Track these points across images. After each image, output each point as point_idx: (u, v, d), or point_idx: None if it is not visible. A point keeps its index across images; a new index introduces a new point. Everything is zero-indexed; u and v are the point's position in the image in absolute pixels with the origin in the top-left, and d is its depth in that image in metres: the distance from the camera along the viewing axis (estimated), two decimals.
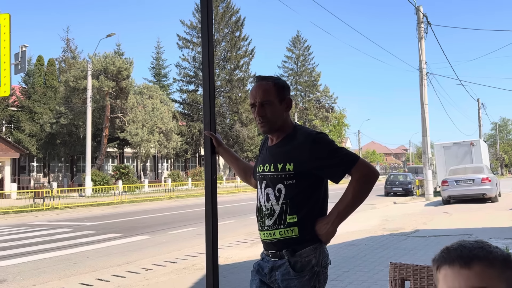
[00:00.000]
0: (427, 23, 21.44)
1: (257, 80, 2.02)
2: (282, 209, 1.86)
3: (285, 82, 2.03)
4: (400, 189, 25.27)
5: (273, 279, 1.88)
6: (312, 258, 1.82)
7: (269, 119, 1.94)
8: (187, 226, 12.21)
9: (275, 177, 1.90)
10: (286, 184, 1.86)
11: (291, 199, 1.85)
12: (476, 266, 0.86)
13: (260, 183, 1.98)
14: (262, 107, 1.93)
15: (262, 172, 1.97)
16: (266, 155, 1.99)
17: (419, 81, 21.68)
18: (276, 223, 1.87)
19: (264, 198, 1.93)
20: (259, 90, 1.95)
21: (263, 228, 1.93)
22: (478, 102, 44.41)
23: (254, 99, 1.96)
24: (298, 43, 56.07)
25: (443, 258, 0.90)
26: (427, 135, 21.44)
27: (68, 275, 6.62)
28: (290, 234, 1.84)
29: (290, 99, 2.00)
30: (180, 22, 45.66)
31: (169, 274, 6.34)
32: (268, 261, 1.91)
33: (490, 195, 16.41)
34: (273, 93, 1.94)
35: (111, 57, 33.36)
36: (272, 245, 1.89)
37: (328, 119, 54.63)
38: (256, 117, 1.96)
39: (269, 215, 1.90)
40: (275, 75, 2.08)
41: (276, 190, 1.89)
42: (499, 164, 65.36)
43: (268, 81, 1.97)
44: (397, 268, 1.62)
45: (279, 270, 1.85)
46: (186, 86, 45.57)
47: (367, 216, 13.53)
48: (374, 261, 6.50)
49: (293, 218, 1.84)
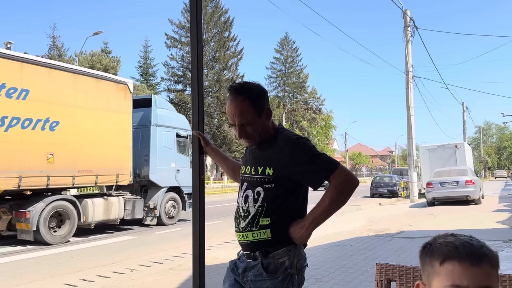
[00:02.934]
0: (414, 27, 21.70)
1: (230, 95, 1.90)
2: (257, 211, 1.86)
3: (260, 88, 1.94)
4: (386, 191, 25.50)
5: (245, 279, 1.88)
6: (286, 260, 1.81)
7: (252, 135, 1.91)
8: (173, 227, 12.14)
9: (255, 180, 1.89)
10: (265, 187, 1.85)
11: (268, 202, 1.85)
12: (485, 265, 0.87)
13: (241, 184, 1.99)
14: (242, 127, 1.88)
15: (243, 173, 1.97)
16: (249, 157, 1.98)
17: (406, 84, 21.93)
18: (249, 225, 1.87)
19: (242, 199, 1.93)
20: (235, 111, 1.86)
21: (237, 229, 1.94)
22: (463, 106, 45.09)
23: (233, 120, 1.89)
24: (287, 44, 56.23)
25: (451, 253, 0.89)
26: (413, 137, 21.69)
27: (52, 275, 6.53)
28: (262, 236, 1.84)
29: (268, 109, 1.92)
30: (169, 21, 45.43)
31: (154, 274, 6.30)
32: (243, 261, 1.92)
33: (473, 197, 16.67)
34: (250, 111, 1.86)
35: (98, 55, 33.13)
36: (246, 246, 1.90)
37: (315, 121, 54.87)
38: (239, 137, 1.93)
39: (244, 216, 1.90)
40: (250, 81, 1.98)
41: (255, 192, 1.88)
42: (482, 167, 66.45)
43: (243, 97, 1.87)
44: (383, 268, 1.64)
45: (252, 271, 1.85)
46: (174, 85, 45.37)
47: (352, 217, 13.63)
48: (359, 261, 6.55)
49: (266, 221, 1.84)
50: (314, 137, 55.98)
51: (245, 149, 2.15)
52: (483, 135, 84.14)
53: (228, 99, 1.92)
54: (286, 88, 55.53)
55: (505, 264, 5.75)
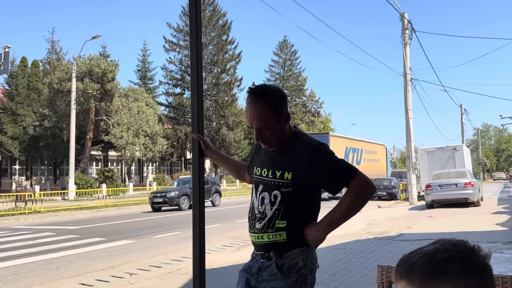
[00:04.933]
0: (411, 30, 21.76)
1: (250, 98, 1.88)
2: (274, 214, 1.87)
3: (280, 93, 1.95)
4: (385, 193, 25.47)
5: (260, 279, 1.90)
6: (299, 260, 1.84)
7: (270, 139, 1.90)
8: (172, 230, 12.11)
9: (272, 184, 1.89)
10: (283, 191, 1.86)
11: (285, 206, 1.86)
12: (402, 283, 0.82)
13: (255, 185, 1.98)
14: (260, 131, 1.87)
15: (259, 176, 1.96)
16: (265, 160, 1.96)
17: (404, 86, 21.96)
18: (265, 227, 1.88)
19: (258, 201, 1.93)
20: (254, 115, 1.85)
21: (252, 230, 1.94)
22: (461, 108, 45.17)
23: (251, 124, 1.87)
24: (285, 47, 56.33)
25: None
26: (411, 140, 21.70)
27: (50, 280, 6.51)
28: (278, 238, 1.86)
29: (287, 113, 1.91)
30: (167, 25, 45.47)
31: (153, 278, 6.27)
32: (257, 262, 1.94)
33: (472, 200, 16.66)
34: (270, 116, 1.85)
35: (96, 59, 33.06)
36: (260, 247, 1.91)
37: (314, 124, 54.90)
38: (256, 141, 1.94)
39: (260, 218, 1.90)
40: (268, 84, 2.01)
41: (272, 196, 1.88)
42: (481, 169, 66.55)
43: (263, 101, 1.85)
44: (384, 271, 1.63)
45: (266, 271, 1.87)
46: (172, 89, 45.37)
47: (352, 220, 13.45)
48: (359, 264, 6.54)
49: (283, 223, 1.85)
50: None
51: (254, 149, 2.15)
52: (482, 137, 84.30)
53: (247, 101, 1.90)
54: (284, 91, 55.54)
55: (505, 266, 5.75)
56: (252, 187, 2.02)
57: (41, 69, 36.36)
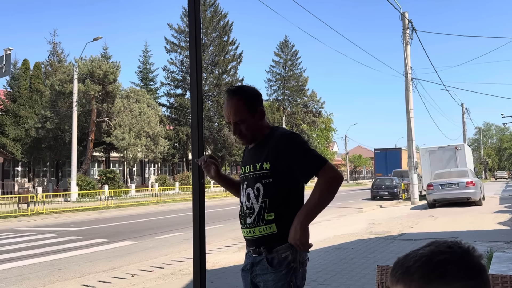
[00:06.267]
0: (412, 29, 21.74)
1: (227, 96, 2.07)
2: (261, 207, 1.95)
3: (255, 91, 2.08)
4: (386, 193, 25.45)
5: (254, 274, 1.99)
6: (289, 254, 1.91)
7: (245, 134, 2.04)
8: (174, 231, 12.12)
9: (254, 177, 1.99)
10: (264, 182, 1.95)
11: (270, 198, 1.94)
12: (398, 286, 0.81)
13: (242, 184, 2.08)
14: (237, 125, 2.02)
15: (243, 173, 2.08)
16: (247, 158, 2.09)
17: (405, 86, 21.94)
18: (255, 221, 1.96)
19: (245, 197, 2.03)
20: (230, 110, 2.02)
21: (244, 225, 2.03)
22: (462, 107, 45.11)
23: (228, 118, 2.04)
24: (286, 48, 56.32)
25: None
26: (413, 139, 21.67)
27: (53, 281, 6.52)
28: (268, 231, 1.93)
29: (262, 110, 2.06)
30: (168, 26, 45.50)
31: (155, 279, 6.29)
32: (250, 257, 2.04)
33: (474, 199, 16.64)
34: (244, 110, 2.01)
35: (97, 60, 33.09)
36: (253, 242, 2.00)
37: (315, 124, 54.87)
38: (233, 135, 2.07)
39: (249, 213, 1.99)
40: (246, 84, 2.13)
41: (255, 189, 1.98)
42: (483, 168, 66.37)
43: (238, 97, 2.02)
44: (384, 271, 1.64)
45: (259, 266, 1.96)
46: (173, 90, 45.43)
47: (353, 220, 13.61)
48: (361, 264, 6.54)
49: (271, 216, 1.93)
50: (314, 140, 56.00)
51: (244, 152, 2.25)
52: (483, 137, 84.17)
53: (225, 100, 2.08)
54: (285, 92, 55.56)
55: (507, 265, 5.74)
56: (240, 188, 2.12)
57: (43, 71, 36.42)
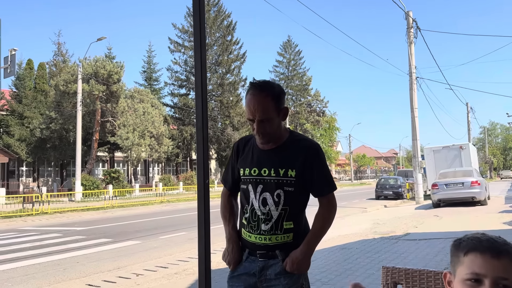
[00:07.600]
0: (416, 28, 21.66)
1: (253, 90, 1.88)
2: (281, 214, 1.89)
3: (280, 87, 1.97)
4: (391, 193, 25.38)
5: (263, 278, 1.92)
6: None
7: (269, 133, 1.91)
8: (178, 231, 12.14)
9: (275, 182, 1.90)
10: (285, 190, 1.89)
11: (290, 206, 1.89)
12: (504, 259, 0.97)
13: (253, 186, 1.94)
14: (262, 123, 1.87)
15: (256, 176, 1.94)
16: (263, 159, 1.94)
17: (409, 85, 21.88)
18: (273, 229, 1.89)
19: (259, 202, 1.92)
20: (258, 107, 1.85)
21: (256, 231, 1.92)
22: (467, 106, 44.90)
23: (253, 115, 1.86)
24: (289, 47, 56.31)
25: (474, 246, 1.01)
26: (417, 138, 21.60)
27: (58, 281, 6.55)
28: (286, 239, 1.90)
29: (286, 108, 1.96)
30: (172, 26, 45.61)
31: (160, 279, 6.29)
32: (254, 261, 1.95)
33: (479, 198, 16.55)
34: (272, 108, 1.87)
35: (101, 61, 33.20)
36: (263, 247, 1.92)
37: (319, 123, 54.80)
38: (256, 133, 1.90)
39: (266, 220, 1.90)
40: (270, 79, 2.07)
41: (275, 195, 1.89)
42: (488, 168, 66.05)
43: (266, 93, 1.86)
44: (389, 271, 1.63)
45: (271, 269, 1.91)
46: (177, 90, 45.50)
47: (358, 220, 13.58)
48: (365, 264, 6.52)
49: (290, 224, 1.90)
50: (318, 139, 55.84)
51: (233, 148, 2.11)
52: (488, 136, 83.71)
53: (249, 93, 1.90)
54: (289, 91, 55.51)
55: None
56: (246, 188, 1.98)
57: (47, 71, 36.58)
